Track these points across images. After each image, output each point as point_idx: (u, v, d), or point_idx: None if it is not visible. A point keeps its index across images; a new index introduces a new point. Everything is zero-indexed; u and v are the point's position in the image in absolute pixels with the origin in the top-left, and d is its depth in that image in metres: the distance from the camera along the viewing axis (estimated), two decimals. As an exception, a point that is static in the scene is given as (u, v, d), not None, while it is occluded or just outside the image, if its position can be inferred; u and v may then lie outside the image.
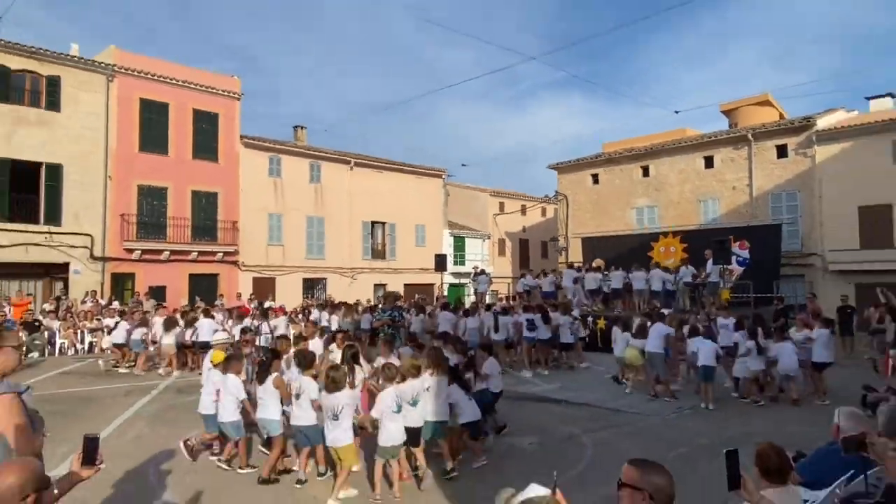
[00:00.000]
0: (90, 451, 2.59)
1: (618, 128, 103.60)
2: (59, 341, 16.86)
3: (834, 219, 21.97)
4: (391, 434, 5.73)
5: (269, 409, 6.38)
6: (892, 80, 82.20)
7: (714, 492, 5.41)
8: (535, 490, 1.95)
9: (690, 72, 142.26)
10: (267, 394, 6.40)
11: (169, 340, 13.44)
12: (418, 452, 6.26)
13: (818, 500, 3.41)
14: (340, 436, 5.68)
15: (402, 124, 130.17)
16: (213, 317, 14.01)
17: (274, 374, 6.47)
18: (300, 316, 17.83)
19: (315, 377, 6.38)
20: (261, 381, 6.51)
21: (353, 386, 6.50)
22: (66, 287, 20.16)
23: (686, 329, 11.73)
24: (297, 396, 6.16)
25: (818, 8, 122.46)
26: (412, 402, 6.12)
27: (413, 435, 6.12)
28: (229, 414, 6.49)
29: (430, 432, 6.36)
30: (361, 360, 7.61)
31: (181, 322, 14.00)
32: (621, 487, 2.20)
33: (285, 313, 18.19)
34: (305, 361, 6.41)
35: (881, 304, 13.27)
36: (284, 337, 9.73)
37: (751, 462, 3.14)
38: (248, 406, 6.70)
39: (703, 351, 10.30)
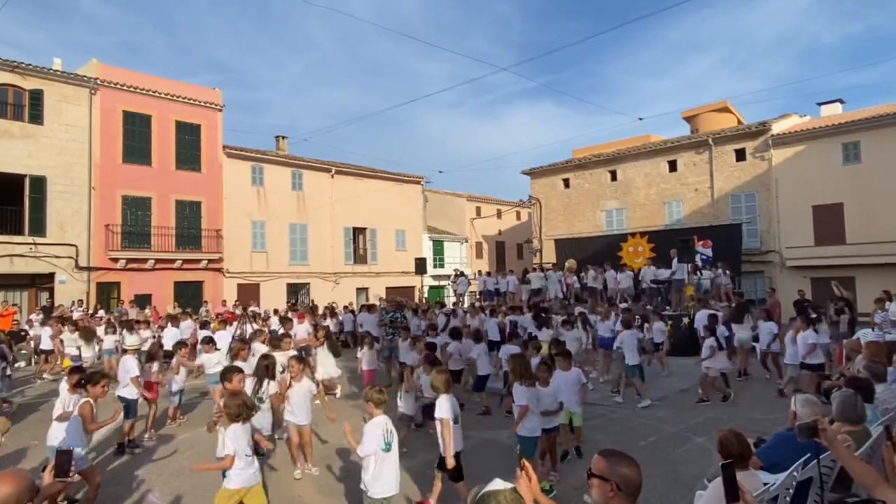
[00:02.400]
0: (63, 465, 2.60)
1: (587, 135, 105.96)
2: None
3: (790, 217, 22.91)
4: (382, 482, 4.57)
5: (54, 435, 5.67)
6: (841, 87, 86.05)
7: (682, 477, 6.15)
8: (498, 484, 2.00)
9: (654, 81, 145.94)
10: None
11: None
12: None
13: (777, 483, 3.45)
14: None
15: (381, 133, 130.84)
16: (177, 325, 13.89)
17: (84, 400, 5.64)
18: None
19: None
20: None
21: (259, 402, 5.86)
22: (51, 297, 20.34)
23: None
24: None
25: (771, 20, 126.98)
26: (455, 420, 5.32)
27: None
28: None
29: (530, 451, 5.80)
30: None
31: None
32: (591, 477, 2.24)
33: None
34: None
35: (837, 297, 14.46)
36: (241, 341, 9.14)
37: (714, 447, 3.43)
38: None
39: (627, 345, 10.13)
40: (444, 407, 5.23)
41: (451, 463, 5.06)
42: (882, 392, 5.14)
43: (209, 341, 9.82)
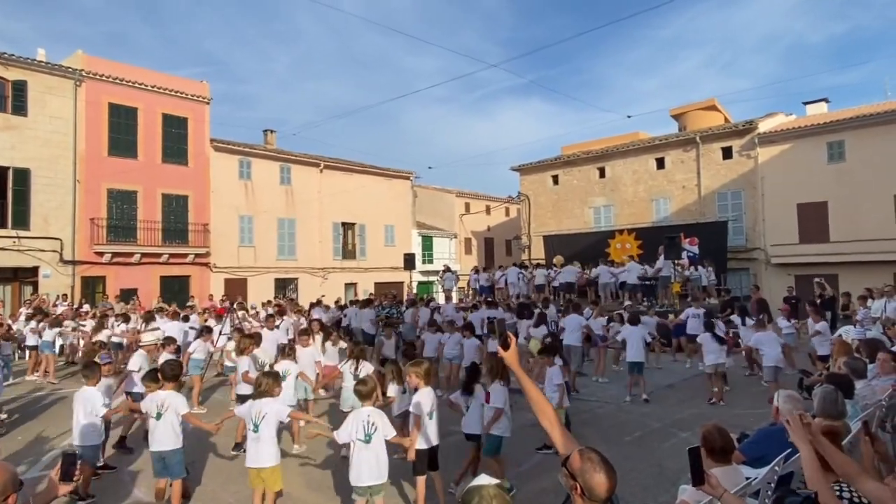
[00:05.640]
0: (68, 468, 2.56)
1: (576, 132, 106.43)
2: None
3: (775, 215, 23.20)
4: (357, 471, 4.67)
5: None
6: (826, 86, 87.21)
7: (667, 471, 6.24)
8: (483, 479, 2.01)
9: (643, 78, 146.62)
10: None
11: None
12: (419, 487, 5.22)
13: (759, 477, 3.49)
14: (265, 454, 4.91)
15: (371, 128, 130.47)
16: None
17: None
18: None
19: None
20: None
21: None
22: (35, 291, 20.08)
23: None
24: (158, 416, 5.22)
25: (757, 19, 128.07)
26: (430, 415, 5.28)
27: (423, 458, 5.21)
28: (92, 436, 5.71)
29: (493, 450, 5.72)
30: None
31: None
32: (564, 465, 2.18)
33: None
34: (169, 373, 5.51)
35: (819, 294, 14.69)
36: (249, 335, 9.28)
37: (698, 442, 3.33)
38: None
39: (630, 342, 10.14)
40: (421, 401, 5.22)
41: (411, 455, 5.07)
42: (861, 388, 5.24)
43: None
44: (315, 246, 28.45)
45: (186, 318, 14.30)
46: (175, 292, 22.61)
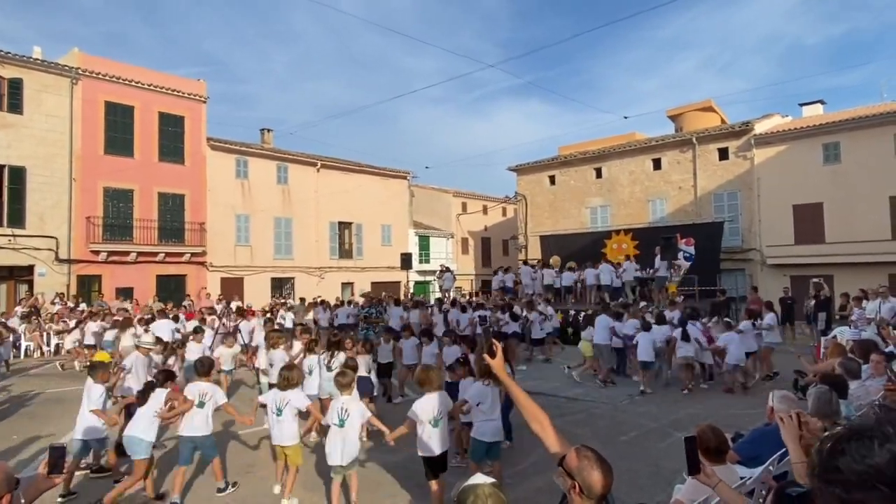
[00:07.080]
0: (56, 460, 2.59)
1: (573, 132, 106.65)
2: (24, 344, 16.56)
3: (771, 216, 23.23)
4: (331, 451, 5.23)
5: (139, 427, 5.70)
6: (822, 88, 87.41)
7: (663, 471, 6.25)
8: (478, 478, 2.03)
9: (641, 79, 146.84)
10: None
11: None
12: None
13: (754, 477, 3.51)
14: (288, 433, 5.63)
15: (368, 128, 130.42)
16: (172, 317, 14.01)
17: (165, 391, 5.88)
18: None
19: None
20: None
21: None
22: (30, 289, 20.02)
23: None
24: (201, 404, 5.84)
25: (755, 21, 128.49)
26: (433, 423, 5.17)
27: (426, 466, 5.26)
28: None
29: (474, 454, 5.60)
30: None
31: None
32: (560, 465, 2.20)
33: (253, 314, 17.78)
34: (203, 368, 6.22)
35: (815, 295, 14.76)
36: (279, 330, 10.17)
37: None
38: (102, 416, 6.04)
39: (640, 345, 10.91)
40: (420, 407, 5.20)
41: (389, 438, 5.28)
42: (855, 388, 5.27)
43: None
44: (312, 245, 28.43)
45: (176, 318, 14.31)
46: (171, 291, 22.57)
